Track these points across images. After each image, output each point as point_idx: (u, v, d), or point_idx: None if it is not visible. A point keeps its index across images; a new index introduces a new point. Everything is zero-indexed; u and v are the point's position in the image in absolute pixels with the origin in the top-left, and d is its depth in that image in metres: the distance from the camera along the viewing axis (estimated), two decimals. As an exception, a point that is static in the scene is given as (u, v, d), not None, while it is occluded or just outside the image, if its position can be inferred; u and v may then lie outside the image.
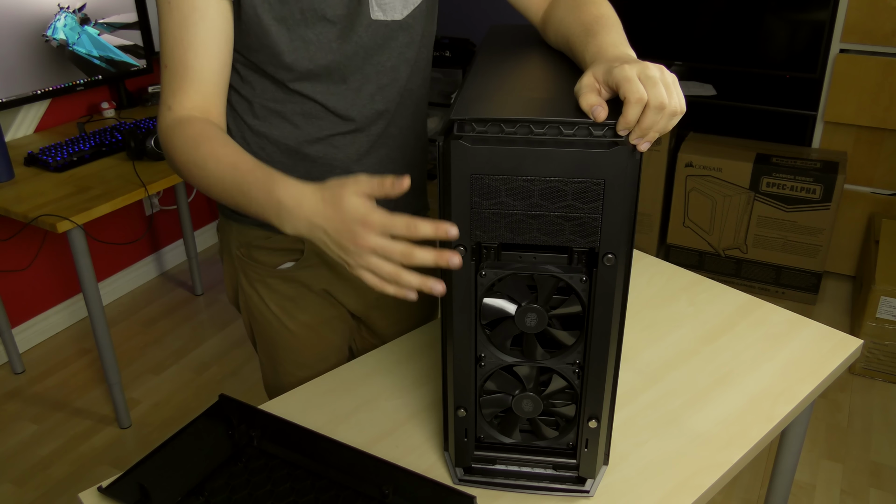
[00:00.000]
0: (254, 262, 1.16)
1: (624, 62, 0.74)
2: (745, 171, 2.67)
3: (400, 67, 1.06)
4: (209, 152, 0.89)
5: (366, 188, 0.76)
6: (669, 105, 0.72)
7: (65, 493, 2.01)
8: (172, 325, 2.74)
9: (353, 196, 0.76)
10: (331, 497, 0.89)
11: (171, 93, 0.94)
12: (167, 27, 0.93)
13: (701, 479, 0.93)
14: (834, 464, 2.07)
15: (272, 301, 1.17)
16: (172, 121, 0.94)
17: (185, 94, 0.94)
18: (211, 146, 0.90)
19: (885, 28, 2.48)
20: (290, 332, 1.19)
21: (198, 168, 0.90)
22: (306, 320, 1.19)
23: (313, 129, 1.06)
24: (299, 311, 1.18)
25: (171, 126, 0.93)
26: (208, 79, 0.94)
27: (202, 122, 0.93)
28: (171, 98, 0.94)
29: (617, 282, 0.77)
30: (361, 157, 1.10)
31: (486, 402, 0.87)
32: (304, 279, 1.16)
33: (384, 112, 1.08)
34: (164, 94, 0.95)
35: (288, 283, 1.16)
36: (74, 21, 2.26)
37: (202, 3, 0.92)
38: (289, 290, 1.17)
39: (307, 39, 0.97)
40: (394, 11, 1.01)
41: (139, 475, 0.92)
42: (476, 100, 0.79)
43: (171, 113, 0.94)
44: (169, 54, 0.93)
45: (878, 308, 2.31)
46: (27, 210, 1.82)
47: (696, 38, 2.86)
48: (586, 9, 0.92)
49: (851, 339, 1.18)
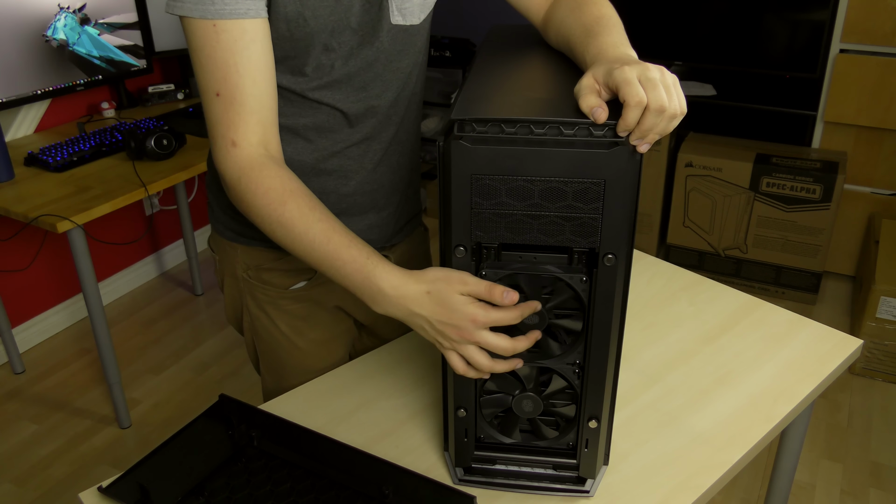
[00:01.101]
0: (263, 283, 1.13)
1: (624, 63, 0.74)
2: (745, 171, 2.67)
3: (413, 72, 1.06)
4: (297, 215, 0.87)
5: (473, 291, 0.79)
6: (669, 108, 0.72)
7: (65, 493, 2.01)
8: (172, 325, 2.74)
9: (461, 296, 0.79)
10: (331, 497, 0.89)
11: (232, 126, 0.89)
12: (214, 53, 0.86)
13: (701, 479, 0.93)
14: (834, 464, 2.07)
15: (282, 322, 1.15)
16: (244, 163, 0.89)
17: (247, 126, 0.89)
18: (298, 206, 0.88)
19: (885, 28, 2.48)
20: (299, 350, 1.18)
21: (283, 228, 0.88)
22: (317, 337, 1.17)
23: (327, 142, 1.03)
24: (311, 329, 1.16)
25: (244, 171, 0.89)
26: (266, 106, 0.90)
27: (277, 171, 0.89)
28: (234, 132, 0.89)
29: (617, 282, 0.77)
30: (376, 167, 1.08)
31: (486, 402, 0.87)
32: (316, 297, 1.14)
33: (395, 117, 1.07)
34: (222, 128, 0.89)
35: (300, 302, 1.14)
36: (74, 21, 2.26)
37: (251, 26, 0.87)
38: (300, 310, 1.15)
39: (330, 48, 0.95)
40: (412, 16, 1.00)
41: (139, 475, 0.92)
42: (476, 100, 0.79)
43: (237, 151, 0.89)
44: (221, 83, 0.87)
45: (878, 308, 2.31)
46: (27, 210, 1.82)
47: (696, 38, 2.86)
48: (587, 9, 0.92)
49: (851, 339, 1.18)
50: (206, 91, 0.89)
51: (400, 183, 1.13)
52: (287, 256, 1.10)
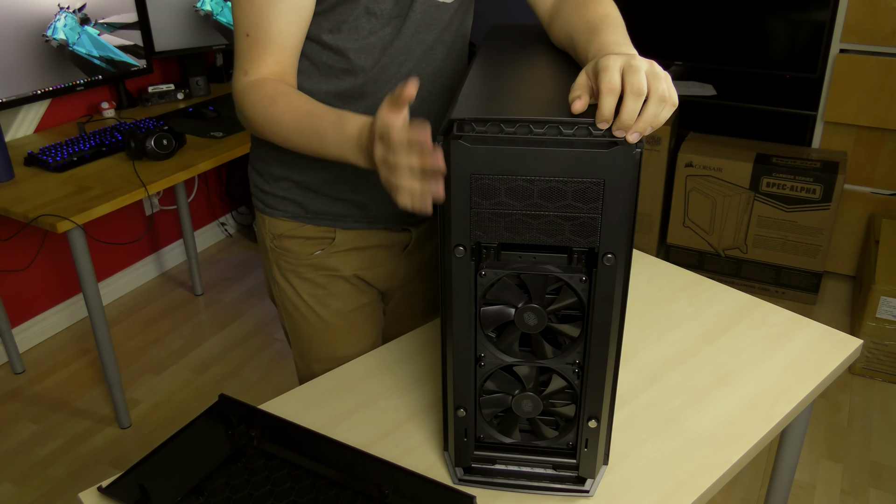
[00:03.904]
0: (286, 252, 1.19)
1: (611, 55, 0.73)
2: (745, 171, 2.67)
3: (437, 48, 1.09)
4: (285, 106, 0.94)
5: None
6: (655, 92, 0.70)
7: (65, 493, 2.01)
8: (172, 325, 2.74)
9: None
10: (331, 497, 0.89)
11: (250, 60, 0.98)
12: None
13: (701, 479, 0.93)
14: (834, 464, 2.07)
15: (304, 291, 1.20)
16: (247, 83, 0.98)
17: (264, 61, 0.98)
18: (286, 100, 0.95)
19: (885, 28, 2.48)
20: (323, 322, 1.22)
21: (275, 123, 0.96)
22: (338, 307, 1.21)
23: (349, 109, 1.07)
24: (331, 298, 1.21)
25: (246, 88, 0.98)
26: (288, 50, 0.99)
27: (275, 82, 0.97)
28: (249, 64, 0.98)
29: (617, 282, 0.77)
30: None
31: (485, 402, 0.87)
32: (334, 265, 1.19)
33: (418, 90, 1.08)
34: (241, 61, 0.99)
35: (319, 271, 1.19)
36: (74, 21, 2.26)
37: None
38: (320, 279, 1.19)
39: (371, 12, 1.01)
40: None
41: (139, 475, 0.92)
42: (476, 100, 0.79)
43: (246, 77, 0.98)
44: (253, 26, 0.97)
45: (878, 308, 2.31)
46: (27, 210, 1.82)
47: (696, 38, 2.86)
48: (592, 7, 0.93)
49: (851, 339, 1.18)
50: (238, 29, 0.99)
51: None
52: (306, 225, 1.16)
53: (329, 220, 1.16)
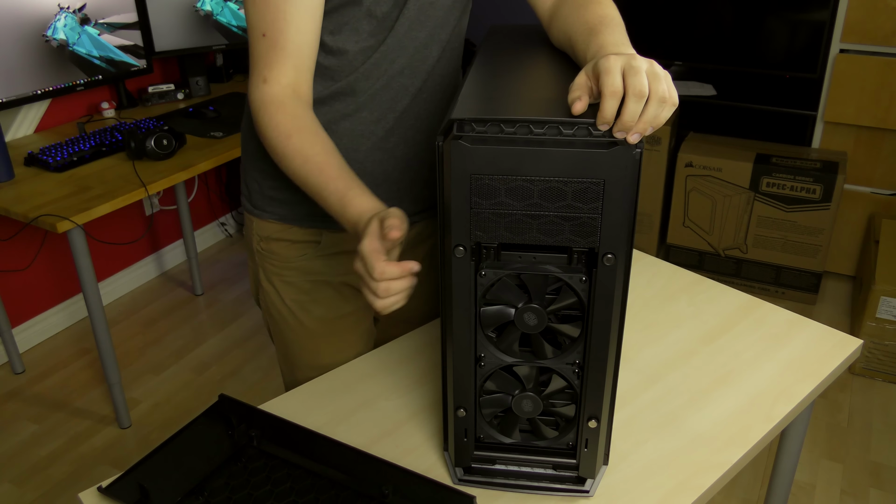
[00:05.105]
0: (272, 255, 1.18)
1: (611, 55, 0.72)
2: (745, 171, 2.67)
3: (432, 46, 1.08)
4: (298, 148, 0.95)
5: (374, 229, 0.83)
6: (655, 93, 0.70)
7: (65, 493, 2.01)
8: (172, 325, 2.74)
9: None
10: (330, 497, 0.89)
11: (268, 65, 0.97)
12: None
13: (701, 479, 0.93)
14: (834, 464, 2.07)
15: (287, 295, 1.19)
16: (267, 97, 0.97)
17: (283, 67, 0.97)
18: (301, 140, 0.95)
19: (885, 28, 2.48)
20: (304, 329, 1.20)
21: (285, 158, 0.96)
22: (321, 314, 1.19)
23: (340, 105, 1.08)
24: (314, 304, 1.19)
25: (265, 104, 0.97)
26: (305, 54, 0.98)
27: (293, 108, 0.97)
28: (268, 70, 0.97)
29: (617, 282, 0.77)
30: (387, 136, 1.10)
31: (485, 402, 0.87)
32: (320, 269, 1.17)
33: (410, 87, 1.09)
34: (259, 65, 0.97)
35: (304, 275, 1.17)
36: (74, 21, 2.26)
37: None
38: (304, 284, 1.18)
39: (372, 14, 1.01)
40: None
41: (139, 475, 0.92)
42: (476, 100, 0.79)
43: (266, 87, 0.97)
44: (269, 25, 0.96)
45: (878, 308, 2.31)
46: (27, 210, 1.82)
47: (696, 38, 2.86)
48: (591, 8, 0.93)
49: (851, 339, 1.18)
50: (253, 28, 0.97)
51: (414, 160, 1.14)
52: (292, 227, 1.15)
53: (316, 222, 1.14)
